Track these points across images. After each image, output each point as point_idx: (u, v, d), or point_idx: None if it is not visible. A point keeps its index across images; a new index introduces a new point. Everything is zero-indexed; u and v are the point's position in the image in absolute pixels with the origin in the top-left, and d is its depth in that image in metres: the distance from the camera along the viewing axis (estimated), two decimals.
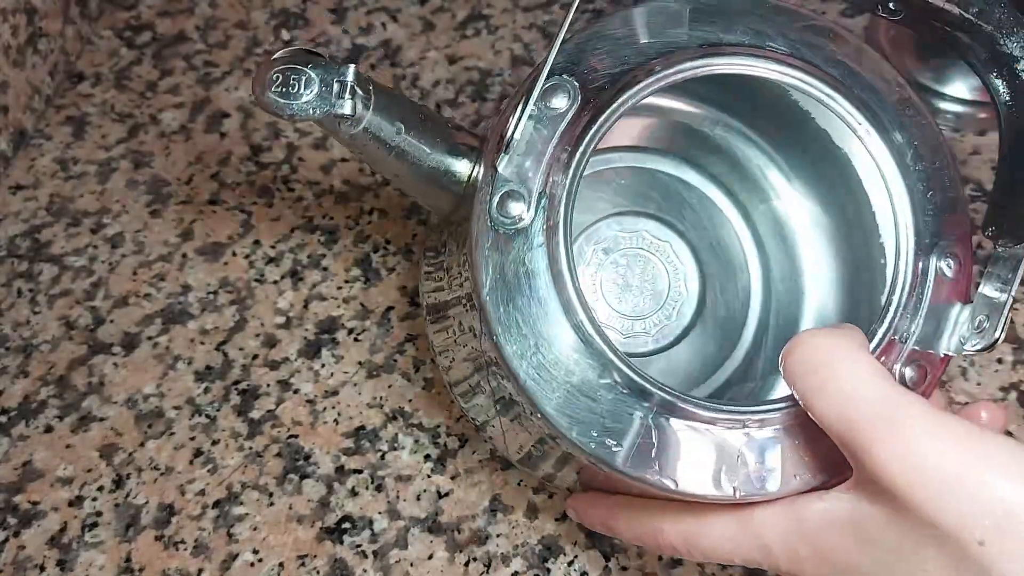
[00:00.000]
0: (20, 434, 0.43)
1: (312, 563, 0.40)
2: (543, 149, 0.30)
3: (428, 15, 0.58)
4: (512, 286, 0.29)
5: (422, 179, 0.32)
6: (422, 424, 0.43)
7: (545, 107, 0.31)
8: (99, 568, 0.40)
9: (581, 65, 0.31)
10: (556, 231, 0.30)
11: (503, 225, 0.30)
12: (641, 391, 0.29)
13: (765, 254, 0.40)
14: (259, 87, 0.29)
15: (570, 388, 0.29)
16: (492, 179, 0.30)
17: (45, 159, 0.53)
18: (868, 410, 0.26)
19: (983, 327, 0.31)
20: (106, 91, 0.55)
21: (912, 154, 0.32)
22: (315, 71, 0.29)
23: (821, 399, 0.27)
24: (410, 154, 0.31)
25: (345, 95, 0.29)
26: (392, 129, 0.31)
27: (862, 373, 0.27)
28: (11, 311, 0.47)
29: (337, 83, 0.29)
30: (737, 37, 0.32)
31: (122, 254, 0.49)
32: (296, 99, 0.29)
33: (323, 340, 0.46)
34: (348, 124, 0.30)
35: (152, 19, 0.59)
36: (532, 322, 0.29)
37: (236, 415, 0.44)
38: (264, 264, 0.48)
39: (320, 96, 0.29)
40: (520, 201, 0.30)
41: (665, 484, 0.29)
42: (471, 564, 0.39)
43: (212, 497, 0.41)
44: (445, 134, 0.32)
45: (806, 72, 0.32)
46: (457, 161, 0.32)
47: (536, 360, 0.29)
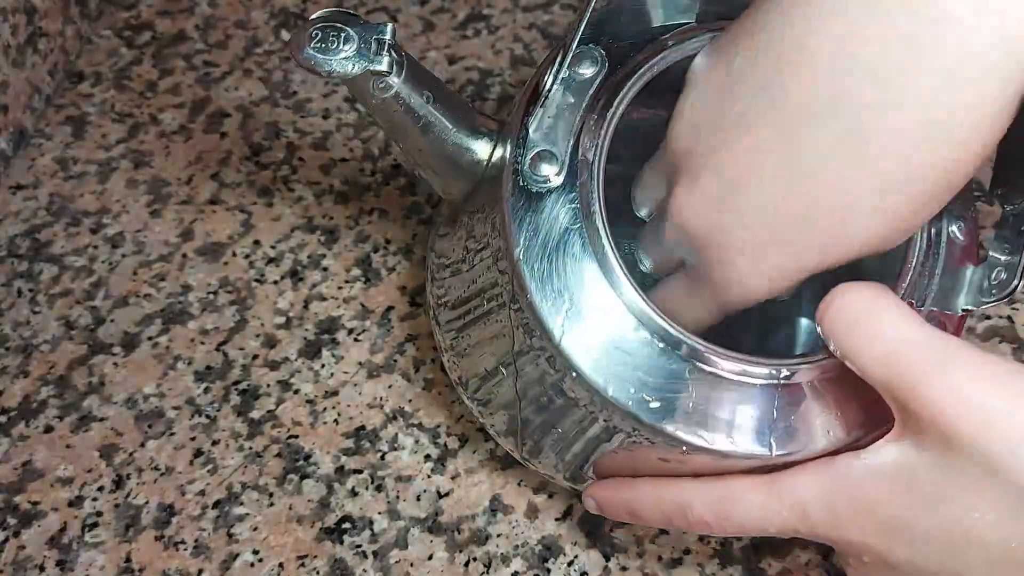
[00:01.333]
0: (20, 434, 0.43)
1: (312, 563, 0.40)
2: (572, 114, 0.31)
3: (428, 15, 0.58)
4: (545, 243, 0.30)
5: (443, 156, 0.32)
6: (422, 424, 0.43)
7: (574, 73, 0.31)
8: (99, 568, 0.40)
9: (606, 34, 0.32)
10: (589, 188, 0.30)
11: (535, 183, 0.30)
12: (676, 344, 0.30)
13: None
14: (297, 45, 0.29)
15: (605, 343, 0.29)
16: (524, 139, 0.31)
17: (45, 159, 0.53)
18: (913, 355, 0.27)
19: (1000, 278, 0.31)
20: (106, 91, 0.55)
21: None
22: (354, 28, 0.29)
23: (865, 347, 0.28)
24: (435, 126, 0.32)
25: (383, 52, 0.30)
26: (421, 98, 0.31)
27: (903, 320, 0.27)
28: (11, 311, 0.47)
29: (375, 41, 0.30)
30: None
31: (122, 254, 0.49)
32: (336, 55, 0.29)
33: (323, 340, 0.46)
34: (381, 87, 0.30)
35: (152, 19, 0.59)
36: (566, 278, 0.30)
37: (236, 415, 0.44)
38: (264, 264, 0.48)
39: (358, 52, 0.29)
40: (551, 162, 0.30)
41: (703, 441, 0.29)
42: (471, 564, 0.39)
43: (212, 497, 0.41)
44: (468, 112, 0.33)
45: None
46: (478, 141, 0.32)
47: (571, 315, 0.29)
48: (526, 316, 0.30)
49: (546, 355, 0.30)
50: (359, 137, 0.53)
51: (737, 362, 0.30)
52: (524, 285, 0.30)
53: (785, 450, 0.30)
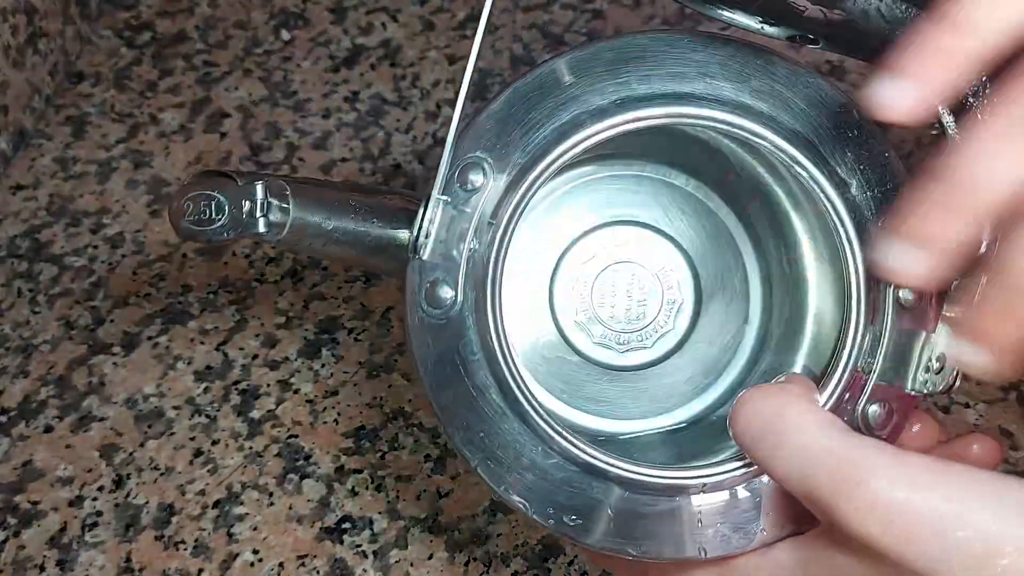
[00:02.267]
0: (20, 434, 0.43)
1: (312, 563, 0.40)
2: (465, 229, 0.30)
3: (428, 15, 0.58)
4: (451, 375, 0.30)
5: (367, 256, 0.32)
6: (422, 424, 0.43)
7: (461, 189, 0.30)
8: (99, 568, 0.40)
9: (492, 138, 0.31)
10: (485, 312, 0.29)
11: (434, 316, 0.30)
12: (591, 467, 0.30)
13: (765, 258, 0.40)
14: (175, 217, 0.29)
15: (521, 470, 0.30)
16: (418, 271, 0.30)
17: (45, 159, 0.53)
18: (826, 467, 0.26)
19: (939, 366, 0.30)
20: (106, 91, 0.55)
21: (858, 182, 0.31)
22: (223, 194, 0.29)
23: (776, 463, 0.27)
24: (345, 240, 0.31)
25: (257, 213, 0.29)
26: (319, 225, 0.30)
27: (813, 428, 0.27)
28: (11, 311, 0.47)
29: (248, 202, 0.29)
30: (656, 85, 0.31)
31: (122, 254, 0.49)
32: (209, 225, 0.28)
33: (323, 340, 0.46)
34: (269, 235, 0.29)
35: (152, 19, 0.59)
36: (475, 409, 0.30)
37: (236, 415, 0.44)
38: (264, 264, 0.48)
39: (232, 218, 0.29)
40: (447, 286, 0.30)
41: (627, 551, 0.30)
42: (471, 564, 0.39)
43: (212, 497, 0.41)
44: (381, 209, 0.32)
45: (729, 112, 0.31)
46: (398, 232, 0.31)
47: (483, 445, 0.30)
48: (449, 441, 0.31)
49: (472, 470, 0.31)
50: (359, 137, 0.53)
51: (658, 479, 0.30)
52: (440, 418, 0.30)
53: (718, 553, 0.30)
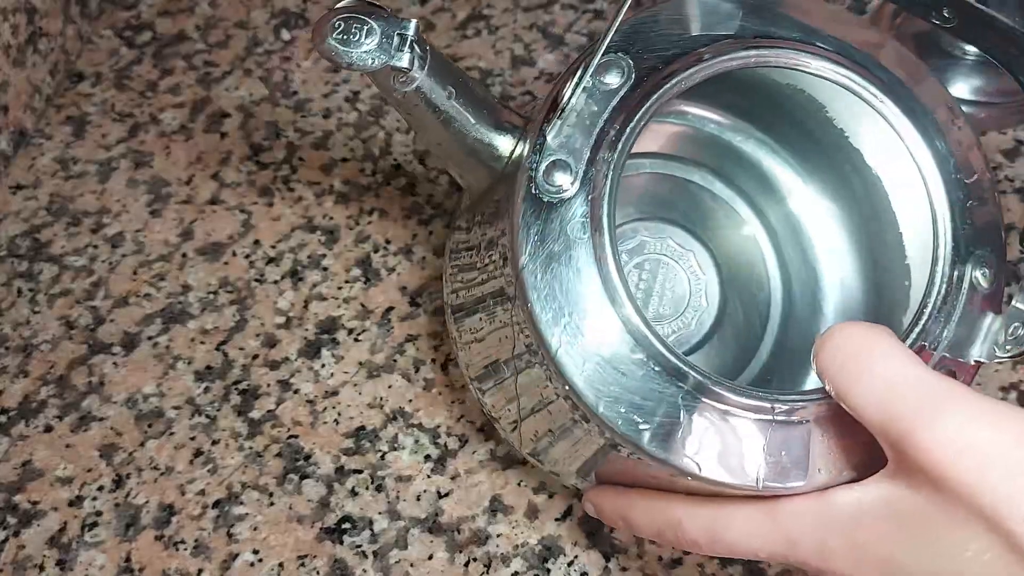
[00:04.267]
0: (20, 434, 0.43)
1: (312, 563, 0.40)
2: (593, 123, 0.30)
3: (428, 15, 0.58)
4: (551, 253, 0.29)
5: (464, 150, 0.32)
6: (422, 424, 0.43)
7: (598, 82, 0.31)
8: (99, 568, 0.40)
9: (635, 45, 0.31)
10: (600, 203, 0.30)
11: (548, 192, 0.30)
12: (673, 370, 0.29)
13: (787, 270, 0.40)
14: (319, 35, 0.29)
15: (601, 361, 0.29)
16: (540, 146, 0.30)
17: (45, 159, 0.53)
18: (909, 396, 0.26)
19: (1017, 333, 0.31)
20: (106, 91, 0.55)
21: (954, 164, 0.32)
22: (377, 22, 0.29)
23: (858, 388, 0.27)
24: (457, 121, 0.31)
25: (404, 48, 0.29)
26: (443, 93, 0.31)
27: (899, 360, 0.27)
28: (11, 311, 0.47)
29: (397, 36, 0.29)
30: (788, 32, 0.32)
31: (122, 254, 0.49)
32: (357, 47, 0.29)
33: (323, 340, 0.46)
34: (402, 81, 0.30)
35: (152, 19, 0.59)
36: (568, 291, 0.29)
37: (236, 415, 0.44)
38: (264, 264, 0.48)
39: (380, 47, 0.29)
40: (566, 171, 0.30)
41: (688, 467, 0.29)
42: (471, 564, 0.39)
43: (212, 497, 0.41)
44: (492, 107, 0.32)
45: (858, 73, 0.32)
46: (501, 136, 0.32)
47: (570, 329, 0.29)
48: (526, 324, 0.30)
49: (543, 365, 0.30)
50: (359, 137, 0.53)
51: (733, 393, 0.29)
52: (525, 295, 0.29)
53: (774, 484, 0.29)
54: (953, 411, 0.25)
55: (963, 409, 0.26)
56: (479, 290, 0.33)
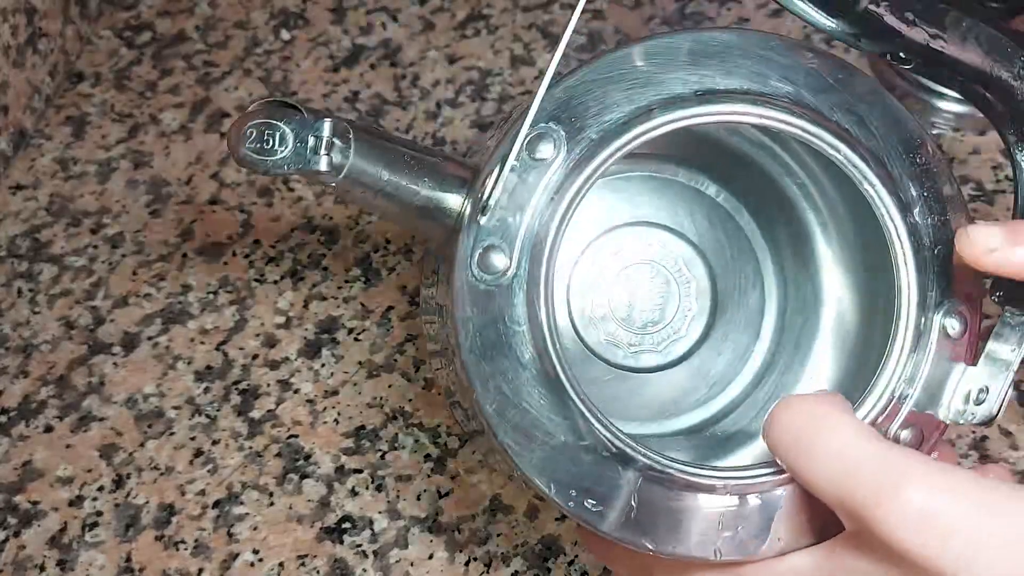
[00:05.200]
0: (20, 434, 0.43)
1: (312, 563, 0.40)
2: (527, 199, 0.29)
3: (428, 15, 0.58)
4: (492, 345, 0.29)
5: (414, 216, 0.31)
6: (422, 424, 0.43)
7: (529, 157, 0.29)
8: (99, 568, 0.40)
9: (568, 111, 0.30)
10: (537, 286, 0.29)
11: (484, 281, 0.29)
12: (621, 454, 0.29)
13: (782, 272, 0.40)
14: (234, 142, 0.28)
15: (550, 448, 0.29)
16: (474, 234, 0.29)
17: (45, 159, 0.53)
18: (862, 471, 0.26)
19: (982, 400, 0.30)
20: (106, 91, 0.55)
21: (921, 208, 0.31)
22: (289, 125, 0.28)
23: (810, 465, 0.27)
24: (396, 195, 0.30)
25: (321, 151, 0.28)
26: (375, 175, 0.30)
27: (851, 434, 0.27)
28: (11, 311, 0.47)
29: (313, 137, 0.28)
30: (737, 81, 0.31)
31: (122, 254, 0.49)
32: (271, 155, 0.28)
33: (323, 340, 0.46)
34: (327, 176, 0.29)
35: (152, 19, 0.59)
36: (512, 380, 0.29)
37: (236, 415, 0.44)
38: (264, 264, 0.48)
39: (295, 152, 0.28)
40: (502, 254, 0.29)
41: (643, 544, 0.29)
42: (471, 564, 0.39)
43: (212, 497, 0.41)
44: (434, 170, 0.31)
45: (808, 120, 0.31)
46: (448, 196, 0.31)
47: (515, 418, 0.29)
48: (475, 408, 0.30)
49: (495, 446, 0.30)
50: None
51: (685, 474, 0.29)
52: (471, 383, 0.29)
53: (734, 556, 0.29)
54: (909, 485, 0.25)
55: (919, 482, 0.25)
56: (443, 349, 0.33)
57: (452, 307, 0.29)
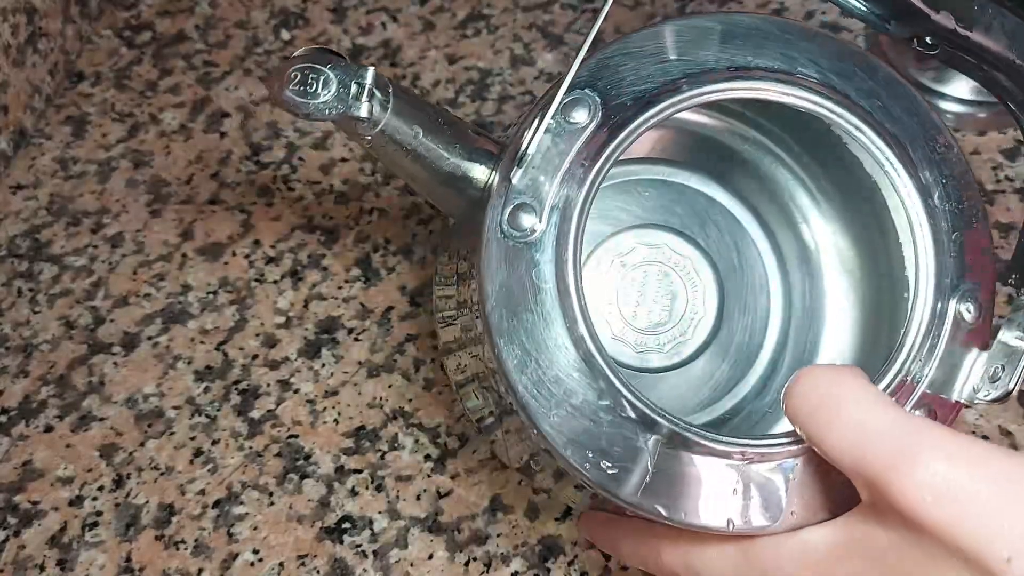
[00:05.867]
0: (20, 434, 0.43)
1: (312, 563, 0.40)
2: (559, 163, 0.30)
3: (428, 15, 0.58)
4: (518, 299, 0.29)
5: (439, 183, 0.32)
6: (422, 424, 0.43)
7: (564, 120, 0.30)
8: (99, 568, 0.40)
9: (603, 80, 0.31)
10: (566, 247, 0.29)
11: (513, 237, 0.29)
12: (641, 416, 0.29)
13: (788, 278, 0.40)
14: (277, 85, 0.29)
15: (569, 407, 0.29)
16: (505, 190, 0.30)
17: (45, 159, 0.53)
18: (882, 440, 0.26)
19: (998, 376, 0.30)
20: (106, 91, 0.55)
21: (940, 193, 0.32)
22: (334, 71, 0.29)
23: (829, 433, 0.27)
24: (427, 158, 0.31)
25: (363, 97, 0.29)
26: (410, 133, 0.31)
27: (870, 402, 0.27)
28: (11, 311, 0.47)
29: (355, 84, 0.29)
30: (767, 61, 0.32)
31: (122, 254, 0.49)
32: (314, 98, 0.29)
33: (323, 340, 0.46)
34: (365, 126, 0.30)
35: (152, 19, 0.59)
36: (535, 337, 0.29)
37: (236, 415, 0.44)
38: (264, 264, 0.48)
39: (338, 97, 0.29)
40: (532, 214, 0.29)
41: (657, 510, 0.29)
42: (471, 564, 0.39)
43: (212, 497, 0.41)
44: (465, 139, 0.32)
45: (835, 102, 0.31)
46: (475, 166, 0.32)
47: (537, 375, 0.29)
48: (496, 367, 0.30)
49: (512, 403, 0.30)
50: None
51: (703, 439, 0.29)
52: (493, 339, 0.29)
53: (745, 528, 0.29)
54: (928, 453, 0.25)
55: (938, 450, 0.25)
56: (461, 321, 0.33)
57: (479, 263, 0.29)
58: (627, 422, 0.29)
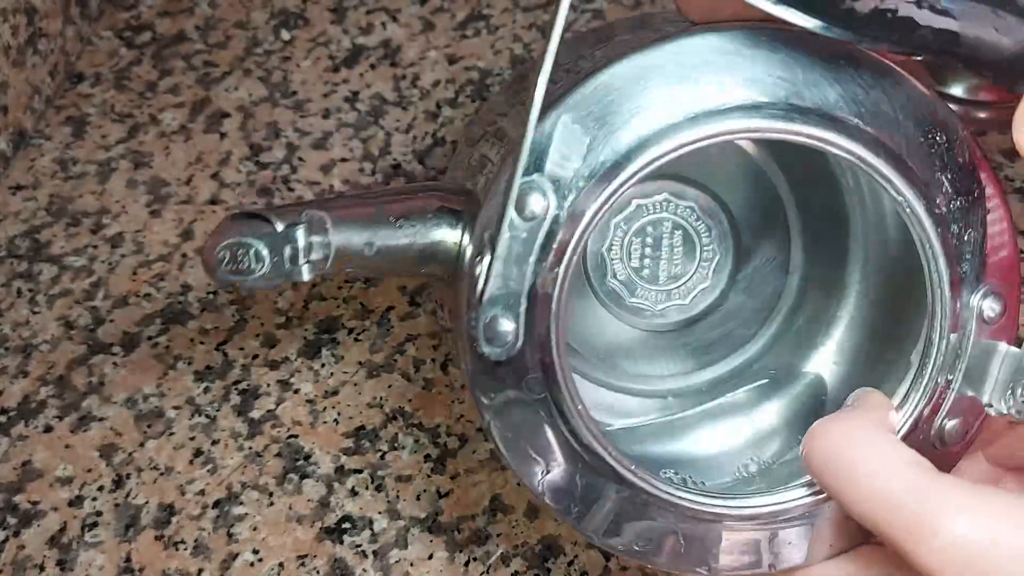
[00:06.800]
0: (20, 434, 0.43)
1: (312, 563, 0.40)
2: (524, 261, 0.28)
3: (428, 15, 0.58)
4: (512, 413, 0.29)
5: (412, 266, 0.30)
6: (422, 424, 0.43)
7: (519, 217, 0.28)
8: (99, 568, 0.40)
9: (548, 159, 0.28)
10: (550, 353, 0.28)
11: (493, 352, 0.28)
12: (665, 502, 0.30)
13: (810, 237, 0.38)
14: (209, 268, 0.27)
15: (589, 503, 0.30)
16: (477, 302, 0.28)
17: (45, 159, 0.53)
18: (901, 509, 0.26)
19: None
20: (106, 91, 0.55)
21: (944, 192, 0.30)
22: (262, 243, 0.27)
23: (847, 494, 0.27)
24: (390, 256, 0.29)
25: (300, 260, 0.27)
26: (361, 250, 0.29)
27: (883, 466, 0.26)
28: (11, 311, 0.47)
29: (289, 248, 0.27)
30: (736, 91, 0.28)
31: (122, 254, 0.49)
32: (249, 275, 0.27)
33: (323, 340, 0.46)
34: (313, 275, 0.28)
35: (152, 19, 0.59)
36: (538, 447, 0.29)
37: (236, 415, 0.44)
38: None
39: (274, 267, 0.27)
40: (508, 321, 0.28)
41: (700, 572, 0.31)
42: (471, 564, 0.39)
43: (212, 497, 0.41)
44: (421, 214, 0.29)
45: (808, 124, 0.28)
46: (442, 234, 0.29)
47: (549, 480, 0.29)
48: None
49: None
50: (359, 137, 0.53)
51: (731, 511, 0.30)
52: (499, 450, 0.29)
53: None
54: (952, 518, 0.25)
55: (965, 517, 0.25)
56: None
57: (467, 379, 0.29)
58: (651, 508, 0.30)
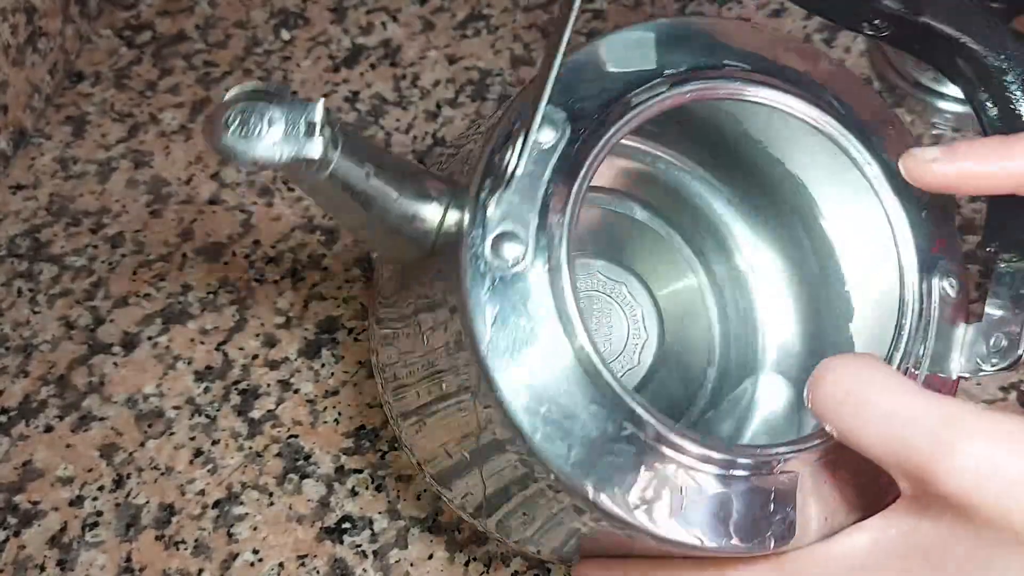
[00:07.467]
0: (20, 434, 0.43)
1: (312, 563, 0.40)
2: (534, 185, 0.28)
3: (428, 15, 0.58)
4: (516, 336, 0.27)
5: (386, 228, 0.29)
6: None
7: (533, 142, 0.28)
8: (99, 568, 0.40)
9: (562, 95, 0.29)
10: (559, 271, 0.27)
11: (500, 268, 0.27)
12: (663, 441, 0.28)
13: (719, 289, 0.39)
14: (213, 131, 0.25)
15: (588, 444, 0.27)
16: (483, 220, 0.27)
17: (45, 158, 0.53)
18: (916, 428, 0.25)
19: (1001, 346, 0.30)
20: (106, 90, 0.55)
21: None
22: (279, 108, 0.25)
23: (863, 428, 0.26)
24: (377, 201, 0.28)
25: (315, 135, 0.25)
26: (361, 173, 0.27)
27: (897, 391, 0.26)
28: (11, 311, 0.47)
29: (304, 122, 0.25)
30: (728, 61, 0.31)
31: (122, 254, 0.49)
32: (259, 141, 0.25)
33: (323, 340, 0.46)
34: (315, 170, 0.26)
35: (152, 18, 0.59)
36: (541, 376, 0.27)
37: (236, 415, 0.44)
38: (264, 264, 0.48)
39: (286, 137, 0.25)
40: (516, 242, 0.27)
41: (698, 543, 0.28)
42: (471, 564, 0.39)
43: (212, 497, 0.41)
44: (415, 177, 0.29)
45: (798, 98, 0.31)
46: (425, 205, 0.28)
47: (548, 415, 0.27)
48: (494, 413, 0.27)
49: (519, 455, 0.28)
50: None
51: (732, 454, 0.28)
52: (493, 384, 0.27)
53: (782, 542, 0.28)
54: (970, 437, 0.24)
55: (979, 433, 0.25)
56: (426, 374, 0.31)
57: (466, 300, 0.27)
58: (650, 450, 0.27)
